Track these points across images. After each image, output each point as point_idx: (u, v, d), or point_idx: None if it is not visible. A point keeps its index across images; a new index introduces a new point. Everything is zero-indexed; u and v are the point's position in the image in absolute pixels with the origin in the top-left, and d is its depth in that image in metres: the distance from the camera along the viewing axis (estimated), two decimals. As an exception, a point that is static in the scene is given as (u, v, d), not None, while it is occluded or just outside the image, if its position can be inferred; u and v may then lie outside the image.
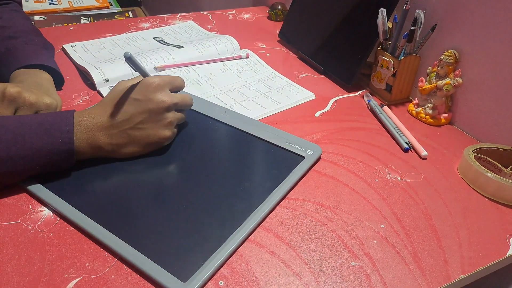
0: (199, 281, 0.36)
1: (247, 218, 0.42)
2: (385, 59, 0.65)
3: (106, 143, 0.47)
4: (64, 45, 0.80)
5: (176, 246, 0.39)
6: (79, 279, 0.36)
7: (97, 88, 0.66)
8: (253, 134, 0.55)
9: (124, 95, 0.48)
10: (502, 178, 0.48)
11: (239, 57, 0.79)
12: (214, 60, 0.77)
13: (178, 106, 0.50)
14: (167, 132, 0.50)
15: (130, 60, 0.46)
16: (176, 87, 0.52)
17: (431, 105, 0.62)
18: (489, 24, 0.55)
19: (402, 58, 0.63)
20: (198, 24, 0.96)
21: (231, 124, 0.57)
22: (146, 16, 1.29)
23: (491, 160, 0.51)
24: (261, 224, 0.43)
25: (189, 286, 0.35)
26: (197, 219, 0.42)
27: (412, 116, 0.65)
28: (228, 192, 0.46)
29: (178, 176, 0.48)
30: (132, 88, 0.48)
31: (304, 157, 0.51)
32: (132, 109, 0.47)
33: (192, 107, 0.61)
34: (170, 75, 0.52)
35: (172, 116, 0.49)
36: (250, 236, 0.42)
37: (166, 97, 0.48)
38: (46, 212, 0.43)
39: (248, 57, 0.79)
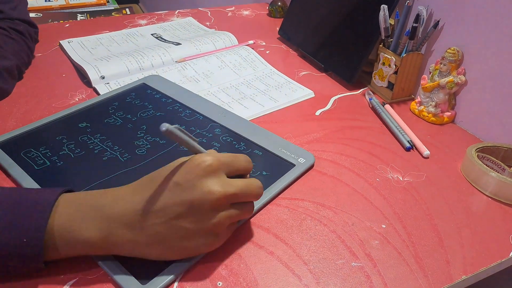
0: (157, 285, 0.36)
1: None
2: (387, 57, 0.65)
3: (126, 240, 0.35)
4: (61, 41, 0.80)
5: None
6: (75, 280, 0.37)
7: (93, 85, 0.67)
8: (246, 137, 0.55)
9: (166, 176, 0.35)
10: (505, 177, 0.48)
11: (247, 43, 0.82)
12: (219, 50, 0.79)
13: (237, 198, 0.37)
14: (209, 239, 0.36)
15: (169, 133, 0.34)
16: (238, 169, 0.38)
17: (433, 103, 0.62)
18: (493, 21, 0.55)
19: (404, 55, 0.63)
20: (197, 21, 0.96)
21: (225, 125, 0.57)
22: (144, 13, 1.29)
23: (494, 159, 0.52)
24: (261, 224, 0.43)
25: None
26: None
27: (414, 114, 0.65)
28: None
29: None
30: (177, 168, 0.36)
31: (294, 165, 0.50)
32: (168, 196, 0.35)
33: (188, 105, 0.61)
34: (231, 154, 0.38)
35: (224, 215, 0.36)
36: (249, 236, 0.42)
37: (217, 186, 0.35)
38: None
39: (254, 42, 0.84)
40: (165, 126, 0.33)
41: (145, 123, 0.57)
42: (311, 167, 0.52)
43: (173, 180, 0.35)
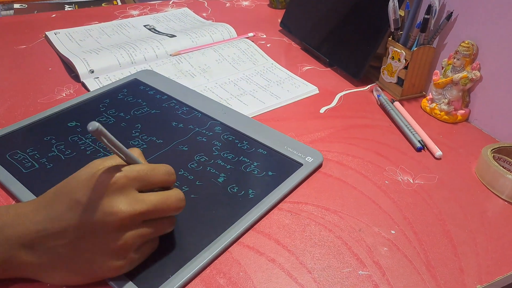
0: None
1: (227, 229, 0.42)
2: (396, 51, 0.65)
3: (27, 263, 0.34)
4: (47, 33, 0.80)
5: (149, 259, 0.39)
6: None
7: (81, 80, 0.66)
8: (249, 135, 0.54)
9: (69, 193, 0.34)
10: (523, 180, 0.48)
11: (246, 36, 0.83)
12: (217, 42, 0.79)
13: (149, 215, 0.35)
14: (116, 262, 0.34)
15: (98, 134, 0.31)
16: (154, 183, 0.36)
17: (446, 100, 0.62)
18: (510, 12, 0.55)
19: (415, 49, 0.63)
20: (193, 12, 0.96)
21: (226, 123, 0.56)
22: (136, 3, 1.29)
23: (511, 160, 0.51)
24: (261, 230, 0.43)
25: None
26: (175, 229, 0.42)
27: (426, 112, 0.65)
28: (211, 198, 0.45)
29: None
30: (81, 183, 0.34)
31: (302, 164, 0.50)
32: (70, 216, 0.33)
33: (185, 101, 0.61)
34: (148, 166, 0.36)
35: (131, 235, 0.34)
36: (249, 242, 0.42)
37: (122, 205, 0.33)
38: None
39: (254, 35, 0.84)
40: (92, 125, 0.30)
41: (139, 121, 0.57)
42: (320, 166, 0.52)
43: (75, 198, 0.33)
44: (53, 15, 0.90)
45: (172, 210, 0.37)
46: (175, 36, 0.80)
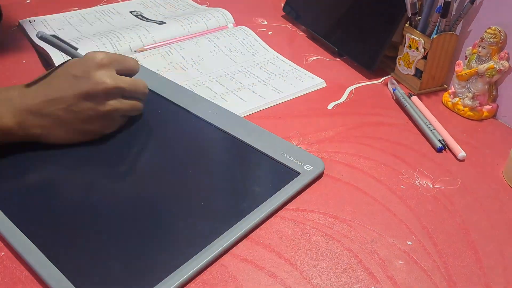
0: None
1: (204, 248, 0.41)
2: (414, 38, 0.65)
3: (36, 125, 0.49)
4: (20, 21, 0.80)
5: (124, 270, 0.39)
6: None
7: (60, 74, 0.67)
8: (241, 139, 0.54)
9: (65, 71, 0.50)
10: (557, 184, 0.48)
11: (225, 28, 0.81)
12: (212, 30, 0.79)
13: (125, 92, 0.51)
14: (106, 122, 0.52)
15: (45, 40, 0.50)
16: (127, 69, 0.53)
17: (470, 94, 0.62)
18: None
19: (435, 36, 0.63)
20: (185, -4, 0.96)
21: (217, 125, 0.57)
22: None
23: (544, 162, 0.51)
24: (261, 241, 0.43)
25: None
26: (151, 239, 0.42)
27: (447, 108, 0.65)
28: (194, 210, 0.45)
29: (137, 185, 0.49)
30: (75, 62, 0.50)
31: (299, 173, 0.50)
32: (67, 86, 0.49)
33: (172, 100, 0.61)
34: (121, 54, 0.53)
35: (114, 104, 0.50)
36: (246, 255, 0.42)
37: (108, 78, 0.49)
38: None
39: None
40: (40, 33, 0.48)
41: None
42: (320, 175, 0.52)
43: (71, 73, 0.49)
44: (28, 1, 0.90)
45: (140, 93, 0.54)
46: (165, 23, 0.80)
